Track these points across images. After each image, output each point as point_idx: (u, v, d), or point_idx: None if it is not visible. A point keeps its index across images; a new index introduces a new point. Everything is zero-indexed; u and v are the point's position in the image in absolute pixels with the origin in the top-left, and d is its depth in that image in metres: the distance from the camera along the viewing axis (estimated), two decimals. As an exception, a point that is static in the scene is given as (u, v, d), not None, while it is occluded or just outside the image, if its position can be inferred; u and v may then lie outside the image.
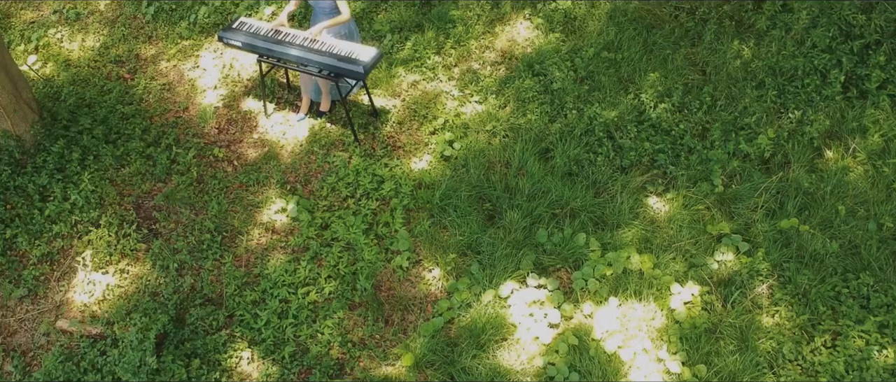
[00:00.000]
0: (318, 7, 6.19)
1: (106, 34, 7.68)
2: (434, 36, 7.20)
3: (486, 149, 6.25)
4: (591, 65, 6.70)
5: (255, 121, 6.78)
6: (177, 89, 7.08)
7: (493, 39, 7.18)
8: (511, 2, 7.39)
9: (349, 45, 6.13)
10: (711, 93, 6.35)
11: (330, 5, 6.14)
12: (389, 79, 6.92)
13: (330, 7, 6.15)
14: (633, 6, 7.11)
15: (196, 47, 7.43)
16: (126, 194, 6.14)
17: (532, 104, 6.51)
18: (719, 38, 6.76)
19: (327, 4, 6.13)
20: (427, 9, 7.54)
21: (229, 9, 7.68)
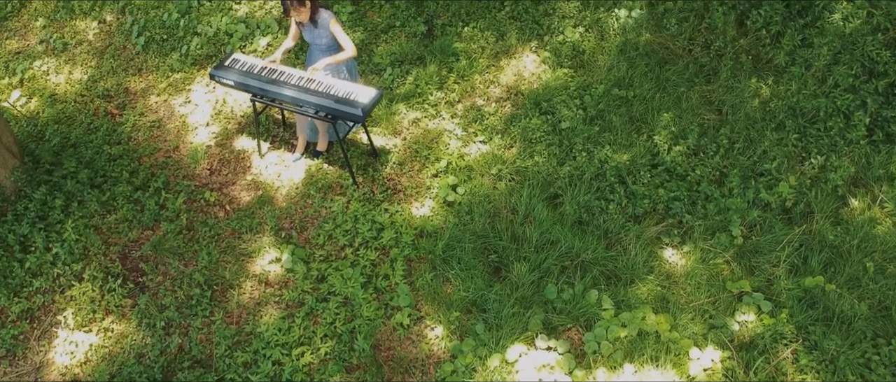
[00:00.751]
0: (315, 44, 5.87)
1: (94, 66, 7.36)
2: (436, 70, 6.89)
3: (492, 194, 5.94)
4: (602, 104, 6.38)
5: (248, 161, 6.46)
6: (167, 126, 6.76)
7: (498, 73, 6.86)
8: (517, 34, 7.07)
9: (347, 85, 5.82)
10: (729, 135, 6.03)
11: (327, 42, 5.83)
12: (389, 117, 6.60)
13: (327, 44, 5.84)
14: (645, 40, 6.79)
15: (188, 80, 7.11)
16: (112, 243, 5.82)
17: (539, 145, 6.19)
18: (736, 75, 6.44)
19: (324, 41, 5.81)
20: (429, 40, 7.22)
21: (223, 40, 7.37)
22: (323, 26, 5.73)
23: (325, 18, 5.70)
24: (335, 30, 5.73)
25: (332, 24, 5.70)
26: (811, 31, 6.48)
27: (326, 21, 5.70)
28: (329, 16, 5.72)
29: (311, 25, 5.73)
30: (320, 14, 5.70)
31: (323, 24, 5.72)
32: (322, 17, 5.70)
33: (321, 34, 5.79)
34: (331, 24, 5.71)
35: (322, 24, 5.72)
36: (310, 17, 5.66)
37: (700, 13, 6.85)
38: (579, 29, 6.99)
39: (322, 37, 5.80)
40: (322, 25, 5.73)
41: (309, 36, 5.84)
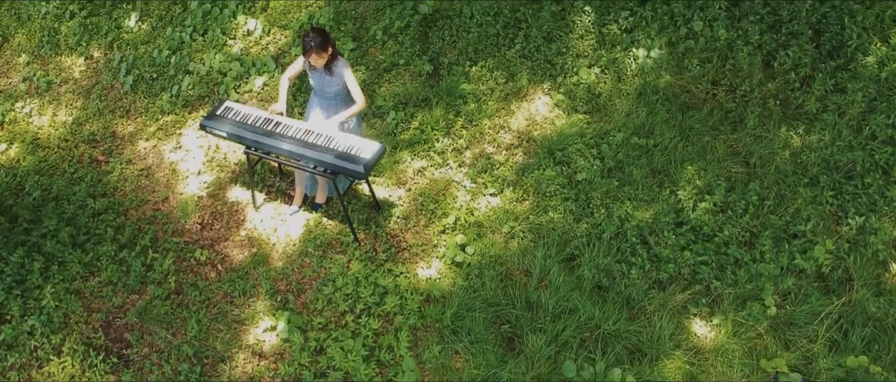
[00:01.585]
0: (322, 92, 5.46)
1: (79, 107, 6.95)
2: (443, 113, 6.47)
3: (504, 254, 5.52)
4: (620, 153, 5.96)
5: (242, 213, 6.05)
6: (156, 175, 6.35)
7: (508, 118, 6.44)
8: (528, 74, 6.65)
9: (348, 139, 5.40)
10: (758, 190, 5.61)
11: (336, 91, 5.42)
12: (393, 165, 6.19)
13: (335, 92, 5.44)
14: (665, 82, 6.37)
15: (178, 124, 6.69)
16: (94, 309, 5.40)
17: (554, 199, 5.77)
18: (764, 123, 6.02)
19: (333, 90, 5.42)
20: (435, 80, 6.80)
21: (216, 79, 6.95)
22: (337, 75, 5.35)
23: (340, 67, 5.32)
24: (348, 79, 5.34)
25: (346, 74, 5.32)
26: (843, 74, 6.06)
27: (341, 70, 5.32)
28: (345, 65, 5.34)
29: (323, 72, 5.34)
30: (337, 62, 5.32)
31: (337, 73, 5.34)
32: (338, 65, 5.32)
33: (332, 83, 5.40)
34: (345, 74, 5.32)
35: (336, 72, 5.34)
36: (326, 63, 5.28)
37: (723, 53, 6.43)
38: (595, 70, 6.57)
39: (333, 85, 5.41)
40: (336, 74, 5.35)
41: (317, 82, 5.43)
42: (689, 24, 6.59)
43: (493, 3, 6.99)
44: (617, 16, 6.76)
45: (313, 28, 5.23)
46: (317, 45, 5.15)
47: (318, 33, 5.18)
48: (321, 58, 5.24)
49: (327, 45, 5.21)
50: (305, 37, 5.19)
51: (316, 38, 5.15)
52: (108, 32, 7.43)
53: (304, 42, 5.18)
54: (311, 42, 5.15)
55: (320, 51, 5.18)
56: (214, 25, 7.29)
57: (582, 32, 6.78)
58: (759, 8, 6.47)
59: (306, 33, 5.21)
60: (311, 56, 5.21)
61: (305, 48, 5.19)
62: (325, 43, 5.19)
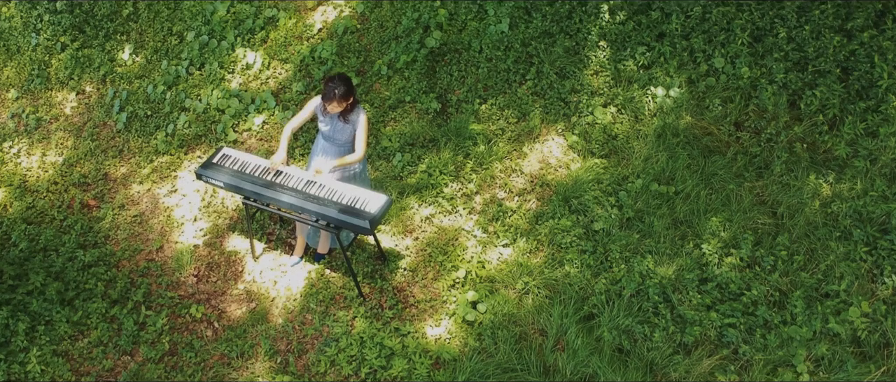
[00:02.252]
0: (332, 139, 5.16)
1: (70, 147, 6.63)
2: (451, 156, 6.16)
3: (517, 313, 5.20)
4: (640, 202, 5.65)
5: (241, 264, 5.73)
6: (150, 222, 6.03)
7: (520, 160, 6.13)
8: (540, 113, 6.34)
9: (353, 191, 5.09)
10: (787, 245, 5.29)
11: (347, 138, 5.12)
12: (399, 212, 5.87)
13: (346, 140, 5.14)
14: (685, 123, 6.05)
15: (174, 165, 6.38)
16: (83, 372, 5.09)
17: (571, 251, 5.45)
18: (791, 169, 5.70)
19: (344, 138, 5.13)
20: (443, 119, 6.49)
21: (213, 116, 6.64)
22: (351, 123, 5.05)
23: (357, 114, 5.03)
24: (360, 128, 5.06)
25: (361, 122, 5.03)
26: (874, 117, 5.75)
27: (357, 118, 5.03)
28: (362, 112, 5.05)
29: (337, 117, 5.03)
30: (356, 110, 5.02)
31: (352, 122, 5.04)
32: (355, 113, 5.02)
33: (346, 131, 5.11)
34: (360, 122, 5.03)
35: (352, 120, 5.04)
36: (343, 110, 4.98)
37: (746, 92, 6.12)
38: (610, 109, 6.26)
39: (345, 133, 5.12)
40: (351, 122, 5.05)
41: (328, 127, 5.12)
42: (710, 61, 6.28)
43: (503, 37, 6.68)
44: (633, 51, 6.45)
45: (339, 75, 4.92)
46: (340, 95, 4.86)
47: (343, 82, 4.88)
48: (341, 106, 4.94)
49: (350, 95, 4.92)
50: (328, 83, 4.88)
51: (339, 87, 4.85)
52: (100, 66, 7.12)
53: (327, 89, 4.87)
54: (335, 90, 4.85)
55: (343, 100, 4.89)
56: (212, 59, 6.99)
57: (597, 68, 6.47)
58: (784, 44, 6.16)
59: (330, 80, 4.90)
60: (334, 104, 4.91)
61: (327, 96, 4.88)
62: (348, 92, 4.89)
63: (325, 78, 5.01)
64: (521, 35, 6.65)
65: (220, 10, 7.26)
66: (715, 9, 6.41)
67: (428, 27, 6.91)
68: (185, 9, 7.36)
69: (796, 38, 6.18)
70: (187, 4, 7.37)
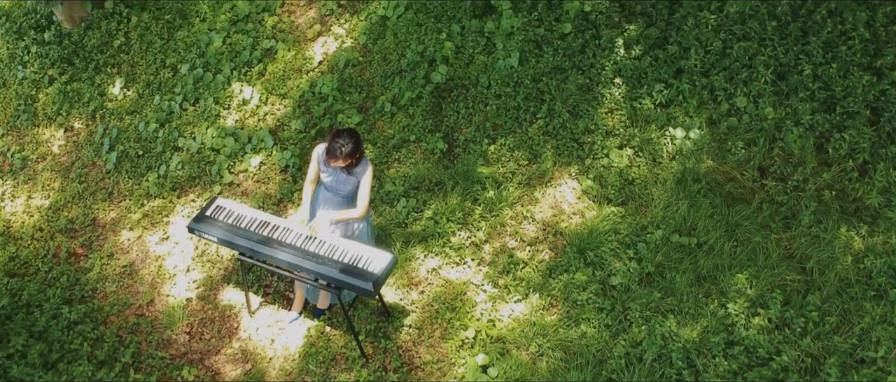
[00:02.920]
0: (335, 190, 4.85)
1: (57, 189, 6.31)
2: (459, 201, 5.83)
3: (531, 379, 4.87)
4: (660, 255, 5.32)
5: (236, 320, 5.41)
6: (140, 273, 5.71)
7: (531, 206, 5.80)
8: (553, 154, 6.01)
9: (356, 249, 4.76)
10: (818, 304, 4.96)
11: (352, 189, 4.81)
12: (404, 264, 5.54)
13: (349, 191, 4.83)
14: (707, 167, 5.72)
15: (166, 210, 6.05)
16: (67, 444, 4.76)
17: (587, 309, 5.13)
18: (820, 220, 5.37)
19: (348, 189, 4.82)
20: (449, 160, 6.16)
21: (208, 157, 6.31)
22: (355, 176, 4.73)
23: (363, 166, 4.72)
24: (365, 180, 4.74)
25: (366, 174, 4.72)
26: (908, 163, 5.42)
27: (363, 170, 4.71)
28: (368, 164, 4.74)
29: (340, 169, 4.71)
30: (361, 163, 4.69)
31: (357, 174, 4.72)
32: (361, 166, 4.70)
33: (349, 183, 4.79)
34: (365, 174, 4.72)
35: (357, 173, 4.72)
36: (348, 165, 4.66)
37: (770, 134, 5.79)
38: (627, 151, 5.93)
39: (348, 184, 4.80)
40: (355, 175, 4.72)
41: (331, 178, 4.81)
42: (732, 100, 5.95)
43: (512, 72, 6.36)
44: (650, 89, 6.12)
45: (347, 131, 4.58)
46: (346, 154, 4.53)
47: (350, 138, 4.54)
48: (346, 163, 4.62)
49: (357, 153, 4.59)
50: (335, 138, 4.55)
51: (346, 145, 4.52)
52: (90, 100, 6.80)
53: (332, 146, 4.54)
54: (342, 148, 4.51)
55: (349, 158, 4.56)
56: (206, 94, 6.66)
57: (611, 106, 6.14)
58: (809, 82, 5.83)
59: (336, 135, 4.57)
60: (337, 161, 4.59)
61: (332, 153, 4.56)
62: (356, 150, 4.56)
63: (333, 132, 4.68)
64: (532, 70, 6.32)
65: (216, 41, 6.94)
66: (736, 44, 6.08)
67: (433, 61, 6.59)
68: (180, 39, 7.04)
69: (823, 76, 5.85)
70: (181, 35, 7.05)
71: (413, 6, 6.92)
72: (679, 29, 6.33)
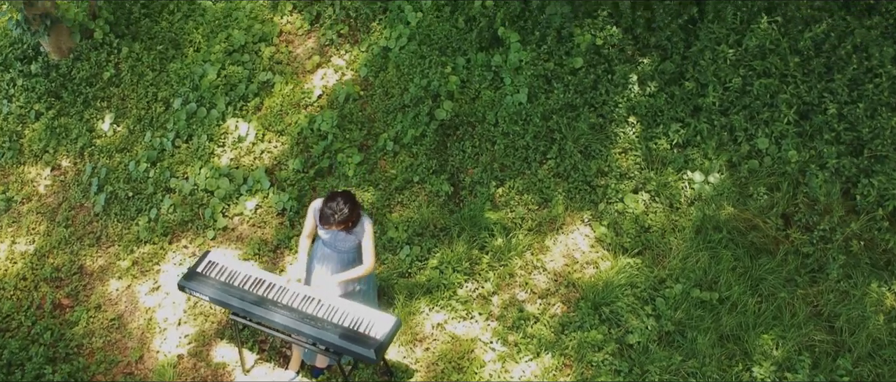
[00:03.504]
0: (334, 248, 4.57)
1: (43, 233, 6.00)
2: (465, 249, 5.52)
3: (544, 448, 4.58)
4: (680, 311, 5.01)
5: (229, 379, 5.10)
6: (129, 326, 5.40)
7: (542, 254, 5.49)
8: (564, 198, 5.70)
9: (357, 311, 4.48)
10: (849, 368, 4.66)
11: (350, 246, 4.54)
12: (407, 318, 5.24)
13: (349, 248, 4.58)
14: (727, 214, 5.42)
15: (157, 258, 5.75)
16: None
17: (603, 371, 4.83)
18: (849, 274, 5.07)
19: (348, 246, 4.57)
20: (455, 203, 5.85)
21: (201, 199, 6.01)
22: (356, 234, 4.45)
23: (362, 225, 4.47)
24: (366, 237, 4.49)
25: (366, 231, 4.45)
26: (941, 212, 5.12)
27: (362, 228, 4.44)
28: (367, 221, 4.46)
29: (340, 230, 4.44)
30: (359, 222, 4.41)
31: (357, 232, 4.44)
32: (360, 224, 4.43)
33: (349, 241, 4.52)
34: (365, 231, 4.45)
35: (357, 232, 4.44)
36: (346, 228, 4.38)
37: (794, 179, 5.49)
38: (642, 196, 5.62)
39: (348, 242, 4.53)
40: (355, 234, 4.45)
41: (329, 236, 4.53)
42: (752, 141, 5.65)
43: (520, 109, 6.06)
44: (666, 128, 5.82)
45: (342, 195, 4.31)
46: (341, 220, 4.26)
47: (345, 202, 4.27)
48: (342, 227, 4.35)
49: (354, 216, 4.30)
50: (329, 202, 4.29)
51: (341, 211, 4.25)
52: (78, 137, 6.49)
53: (325, 211, 4.28)
54: (335, 215, 4.25)
55: (342, 224, 4.29)
56: (200, 130, 6.36)
57: (625, 146, 5.84)
58: (834, 123, 5.53)
59: (331, 198, 4.31)
60: (331, 228, 4.32)
61: (325, 219, 4.29)
62: (352, 214, 4.29)
63: (327, 195, 4.40)
64: (541, 107, 6.02)
65: (210, 74, 6.64)
66: (756, 80, 5.78)
67: (437, 95, 6.29)
68: (172, 71, 6.73)
69: (848, 116, 5.55)
70: (174, 67, 6.75)
71: (416, 37, 6.62)
72: (696, 63, 6.03)
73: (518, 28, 6.44)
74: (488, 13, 6.55)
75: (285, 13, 7.17)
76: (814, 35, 5.82)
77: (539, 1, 6.51)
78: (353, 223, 4.40)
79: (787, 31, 5.94)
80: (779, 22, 5.96)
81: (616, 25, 6.35)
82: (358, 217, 4.44)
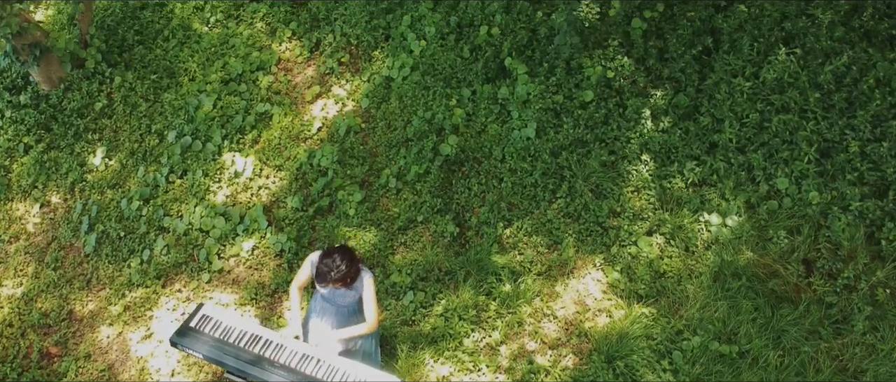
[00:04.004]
0: (333, 302, 4.34)
1: (31, 275, 5.76)
2: (472, 295, 5.28)
3: None
4: (699, 366, 4.77)
5: (225, 435, 4.85)
6: (120, 378, 5.17)
7: (552, 301, 5.25)
8: (574, 240, 5.46)
9: (358, 371, 4.25)
10: (879, 430, 4.42)
11: (351, 301, 4.32)
12: (411, 369, 5.00)
13: (349, 302, 4.34)
14: (746, 260, 5.17)
15: (149, 303, 5.51)
16: None
17: (617, 431, 4.59)
18: (876, 327, 4.82)
19: (348, 301, 4.34)
20: (461, 245, 5.61)
21: (195, 239, 5.76)
22: (356, 289, 4.23)
23: (362, 279, 4.24)
24: (367, 292, 4.27)
25: (366, 285, 4.23)
26: (972, 259, 4.88)
27: (361, 283, 4.22)
28: (367, 275, 4.24)
29: None
30: (358, 277, 4.19)
31: (357, 287, 4.22)
32: (359, 279, 4.21)
33: (349, 296, 4.31)
34: (365, 286, 4.21)
35: (356, 286, 4.21)
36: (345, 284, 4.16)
37: (815, 221, 5.24)
38: (657, 238, 5.38)
39: (347, 297, 4.32)
40: (355, 288, 4.22)
41: (328, 291, 4.30)
42: (772, 181, 5.41)
43: (529, 145, 5.82)
44: (681, 166, 5.58)
45: (338, 250, 4.07)
46: (337, 278, 4.03)
47: (342, 259, 4.04)
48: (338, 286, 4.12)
49: (350, 274, 4.07)
50: (324, 259, 4.07)
51: (338, 268, 4.02)
52: (68, 172, 6.25)
53: (321, 269, 4.06)
54: (330, 273, 4.01)
55: (340, 282, 4.06)
56: (195, 165, 6.12)
57: (638, 185, 5.60)
58: (857, 162, 5.28)
59: (327, 254, 4.08)
60: (327, 286, 4.09)
61: (321, 277, 4.06)
62: (348, 272, 4.05)
63: (322, 252, 4.16)
64: (550, 143, 5.78)
65: (206, 105, 6.40)
66: (775, 116, 5.54)
67: (442, 129, 6.06)
68: (167, 102, 6.50)
69: (872, 155, 5.30)
70: (169, 97, 6.51)
71: (420, 67, 6.38)
72: (711, 97, 5.79)
73: (525, 58, 6.21)
74: (494, 42, 6.32)
75: (284, 39, 6.93)
76: (834, 68, 5.57)
77: (547, 30, 6.27)
78: (350, 279, 4.18)
79: (807, 64, 5.70)
80: (797, 54, 5.72)
81: (627, 56, 6.12)
82: (357, 272, 4.22)
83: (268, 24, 7.01)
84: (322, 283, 4.16)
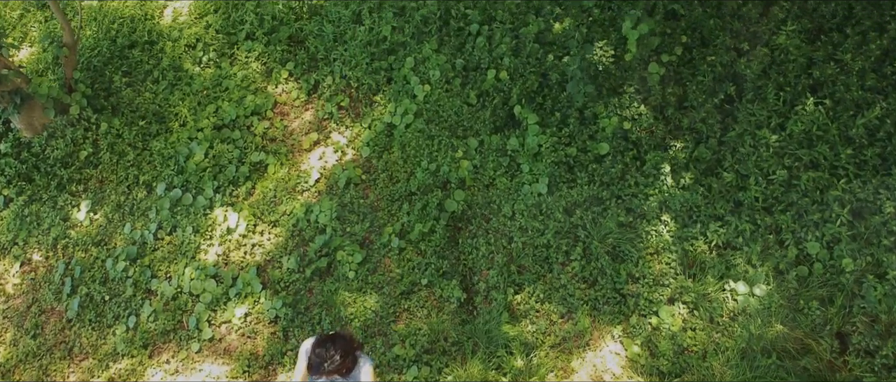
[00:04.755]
0: None
1: (9, 343, 5.40)
2: (481, 370, 4.92)
3: None
4: (726, 456, 4.41)
5: None
6: (102, 462, 4.80)
7: (567, 376, 4.88)
8: (590, 309, 5.10)
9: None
10: None
11: None
12: (417, 454, 4.64)
13: None
14: (775, 334, 4.81)
15: (135, 374, 5.15)
16: None
17: None
18: (919, 411, 4.46)
19: None
20: (468, 312, 5.25)
21: (184, 304, 5.40)
22: (354, 378, 3.88)
23: (361, 365, 3.90)
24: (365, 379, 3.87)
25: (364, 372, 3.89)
26: None
27: (360, 371, 3.88)
28: (367, 362, 3.91)
29: None
30: (357, 364, 3.82)
31: (355, 374, 3.89)
32: (358, 367, 3.86)
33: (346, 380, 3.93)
34: (363, 374, 3.87)
35: (354, 374, 3.88)
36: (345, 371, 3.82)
37: (849, 290, 4.88)
38: (679, 308, 5.01)
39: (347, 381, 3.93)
40: (353, 377, 3.88)
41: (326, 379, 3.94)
42: (801, 245, 5.05)
43: (540, 201, 5.46)
44: (704, 227, 5.21)
45: (331, 339, 3.72)
46: (332, 369, 3.68)
47: (337, 348, 3.71)
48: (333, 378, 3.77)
49: (346, 364, 3.72)
50: (317, 349, 3.72)
51: (332, 360, 3.68)
52: (51, 227, 5.89)
53: (314, 360, 3.71)
54: (325, 364, 3.66)
55: (335, 374, 3.71)
56: (185, 221, 5.75)
57: (658, 247, 5.23)
58: (893, 225, 4.92)
59: (319, 343, 3.74)
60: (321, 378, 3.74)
61: (314, 369, 3.70)
62: (344, 361, 3.71)
63: (315, 340, 3.80)
64: (563, 200, 5.42)
65: (198, 154, 6.03)
66: (804, 173, 5.18)
67: (448, 182, 5.69)
68: (155, 151, 6.13)
69: (907, 218, 4.94)
70: (157, 146, 6.14)
71: (424, 114, 6.02)
72: (734, 150, 5.43)
73: (536, 106, 5.85)
74: (503, 87, 5.96)
75: (280, 81, 6.56)
76: (866, 121, 5.22)
77: (558, 75, 5.91)
78: (347, 370, 3.83)
79: (837, 115, 5.34)
80: (826, 105, 5.37)
81: (644, 103, 5.76)
82: (354, 361, 3.87)
83: (263, 64, 6.64)
84: (316, 375, 3.81)
